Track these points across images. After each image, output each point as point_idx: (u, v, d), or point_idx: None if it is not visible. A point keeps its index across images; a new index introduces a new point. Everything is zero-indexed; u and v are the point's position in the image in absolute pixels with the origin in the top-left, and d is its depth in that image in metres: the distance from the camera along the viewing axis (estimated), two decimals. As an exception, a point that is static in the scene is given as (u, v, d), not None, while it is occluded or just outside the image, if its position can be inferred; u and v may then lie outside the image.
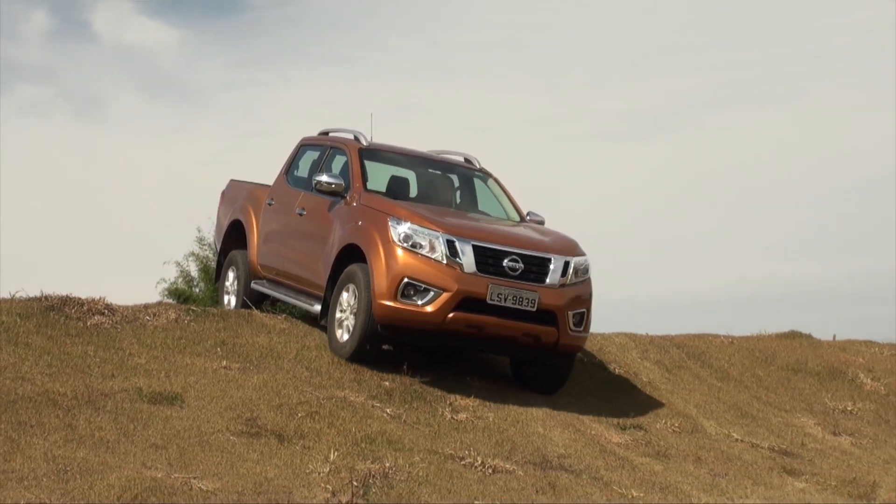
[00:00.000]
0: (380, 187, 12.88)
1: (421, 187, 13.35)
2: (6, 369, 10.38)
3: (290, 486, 8.86)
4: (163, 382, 10.60)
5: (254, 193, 14.55)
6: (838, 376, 14.54)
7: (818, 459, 11.58)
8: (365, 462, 9.44)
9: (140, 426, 9.63)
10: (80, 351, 11.07)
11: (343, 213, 12.34)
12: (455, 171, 13.78)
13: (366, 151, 13.08)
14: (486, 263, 11.35)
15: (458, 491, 9.30)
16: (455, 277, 11.26)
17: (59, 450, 8.98)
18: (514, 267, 11.40)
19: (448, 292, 11.22)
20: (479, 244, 11.41)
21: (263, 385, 10.80)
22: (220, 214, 15.51)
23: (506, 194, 13.62)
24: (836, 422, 13.01)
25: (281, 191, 13.95)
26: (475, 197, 13.59)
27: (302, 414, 10.29)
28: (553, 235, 12.33)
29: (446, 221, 11.71)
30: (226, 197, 15.46)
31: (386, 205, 11.98)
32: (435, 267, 11.31)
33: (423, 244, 11.37)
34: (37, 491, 8.26)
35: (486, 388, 11.87)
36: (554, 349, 11.63)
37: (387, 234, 11.48)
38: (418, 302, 11.28)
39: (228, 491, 8.59)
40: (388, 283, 11.28)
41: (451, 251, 11.32)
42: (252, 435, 9.76)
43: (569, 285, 11.64)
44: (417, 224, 11.49)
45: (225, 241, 14.96)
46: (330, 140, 13.79)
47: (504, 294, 11.29)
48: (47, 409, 9.68)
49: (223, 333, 12.11)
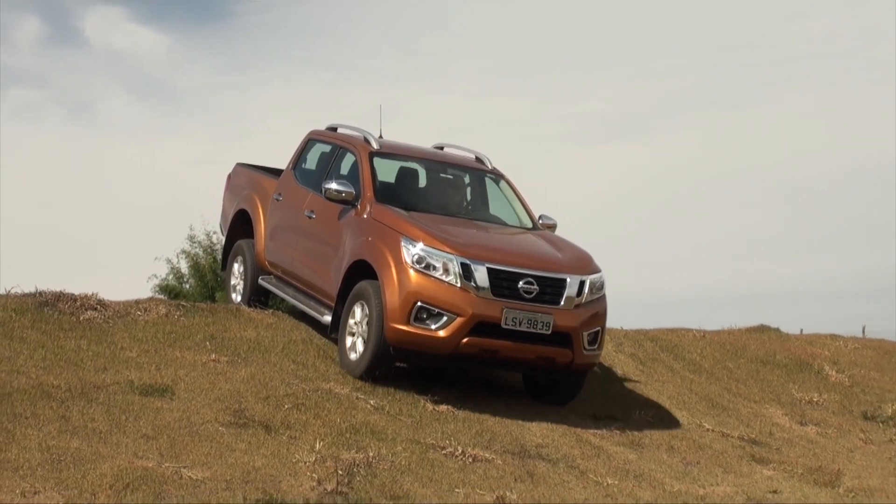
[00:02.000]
0: (388, 178, 12.31)
1: (431, 190, 12.63)
2: (1, 362, 10.36)
3: (277, 475, 8.86)
4: (153, 375, 10.59)
5: (260, 184, 13.85)
6: (805, 369, 14.60)
7: (785, 448, 11.63)
8: (349, 451, 9.45)
9: (132, 417, 9.63)
10: (74, 345, 11.06)
11: (353, 224, 11.65)
12: (467, 172, 12.94)
13: (376, 154, 12.32)
14: (500, 286, 10.73)
15: (439, 479, 9.32)
16: (469, 301, 10.65)
17: (53, 440, 8.97)
18: (529, 289, 10.77)
19: (462, 317, 10.62)
20: (494, 266, 10.76)
21: (251, 377, 10.79)
22: (225, 200, 14.77)
23: (517, 197, 12.81)
24: (803, 412, 13.06)
25: (289, 187, 13.19)
26: (486, 199, 12.83)
27: (288, 405, 10.29)
28: (567, 250, 11.60)
29: (460, 241, 11.00)
30: (231, 182, 14.72)
31: (398, 222, 11.24)
32: (448, 290, 10.67)
33: (437, 266, 10.74)
34: (31, 480, 8.26)
35: (467, 381, 11.89)
36: (568, 369, 11.15)
37: (399, 255, 10.84)
38: (431, 326, 10.69)
39: (217, 480, 8.59)
40: (400, 306, 10.68)
41: (465, 274, 10.69)
42: (240, 426, 9.75)
43: (584, 305, 11.04)
44: (431, 246, 10.83)
45: (231, 229, 14.27)
46: (339, 138, 13.05)
47: (519, 318, 10.68)
48: (42, 401, 9.68)
49: (212, 328, 12.11)
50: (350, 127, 13.09)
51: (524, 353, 10.83)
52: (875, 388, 14.41)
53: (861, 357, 15.63)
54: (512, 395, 11.69)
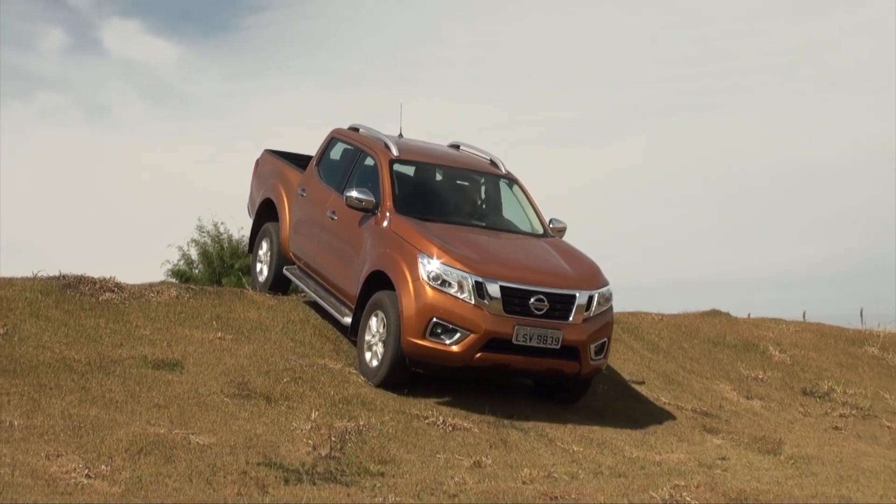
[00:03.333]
0: (407, 183, 11.57)
1: (448, 197, 11.88)
2: (29, 339, 10.35)
3: (276, 441, 8.87)
4: (165, 351, 10.58)
5: (286, 176, 13.05)
6: (751, 349, 14.62)
7: (733, 420, 11.65)
8: (342, 420, 9.45)
9: (145, 389, 9.62)
10: (93, 323, 11.03)
11: (373, 232, 11.01)
12: (482, 177, 12.19)
13: (396, 161, 11.54)
14: (512, 303, 10.17)
15: (422, 445, 9.33)
16: (482, 318, 10.09)
17: (74, 409, 8.98)
18: (539, 306, 10.22)
19: (475, 333, 10.08)
20: (507, 284, 10.18)
21: (253, 354, 10.78)
22: (253, 186, 13.96)
23: (529, 201, 12.07)
24: (749, 388, 13.09)
25: (313, 184, 12.45)
26: (500, 204, 12.10)
27: (287, 379, 10.28)
28: (576, 263, 10.96)
29: (475, 259, 10.38)
30: (259, 169, 13.90)
31: (416, 237, 10.57)
32: (463, 307, 10.12)
33: (452, 283, 10.16)
34: (55, 444, 8.26)
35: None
36: (575, 378, 10.66)
37: (416, 271, 10.25)
38: (446, 341, 10.14)
39: (222, 445, 8.59)
40: (416, 321, 10.13)
41: (479, 292, 10.12)
42: (243, 397, 9.76)
43: (592, 318, 10.49)
44: (447, 264, 10.23)
45: (257, 214, 13.46)
46: (361, 140, 12.25)
47: (529, 334, 10.15)
48: (64, 373, 9.67)
49: (218, 309, 12.07)
50: (371, 129, 12.40)
51: (534, 365, 10.39)
52: (813, 367, 14.46)
53: (801, 339, 15.65)
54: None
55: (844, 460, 10.20)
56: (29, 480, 7.55)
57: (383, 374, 10.42)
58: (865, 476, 9.51)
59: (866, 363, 15.17)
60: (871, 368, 14.98)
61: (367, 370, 10.67)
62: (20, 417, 8.69)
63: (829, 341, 15.93)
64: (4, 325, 10.56)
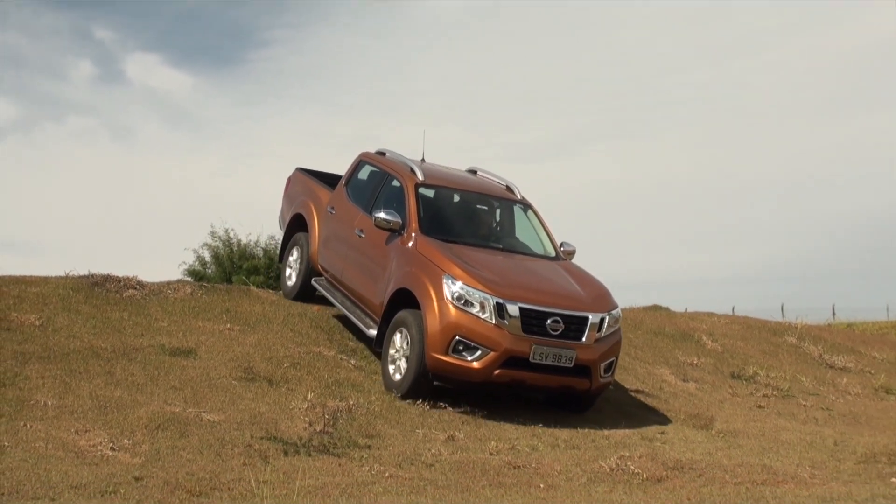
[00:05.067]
0: (431, 206, 10.87)
1: (469, 220, 11.14)
2: (61, 329, 10.30)
3: (277, 418, 8.84)
4: (180, 340, 10.53)
5: (315, 194, 12.36)
6: (687, 338, 14.65)
7: (671, 399, 11.67)
8: (334, 400, 9.43)
9: (163, 373, 9.58)
10: (118, 316, 10.98)
11: (399, 251, 10.37)
12: (499, 202, 11.45)
13: (421, 185, 10.85)
14: (530, 324, 9.57)
15: (404, 422, 9.32)
16: (502, 337, 9.49)
17: (100, 391, 8.94)
18: (555, 327, 9.64)
19: (495, 351, 9.48)
20: (526, 306, 9.58)
21: (258, 343, 10.74)
22: (284, 201, 13.17)
23: (542, 226, 11.39)
24: (685, 372, 13.12)
25: (341, 203, 11.73)
26: (514, 227, 11.40)
27: (287, 364, 10.25)
28: (588, 287, 10.32)
29: (496, 281, 9.76)
30: (291, 187, 13.11)
31: (440, 258, 9.94)
32: (484, 327, 9.50)
33: (475, 304, 9.55)
34: (83, 421, 8.23)
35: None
36: (586, 394, 10.10)
37: (441, 291, 9.64)
38: (467, 357, 9.54)
39: (230, 422, 8.56)
40: (440, 338, 9.53)
41: (499, 313, 9.52)
42: (248, 380, 9.72)
43: (602, 339, 9.91)
44: (470, 285, 9.61)
45: (288, 228, 12.70)
46: (387, 164, 11.52)
47: (545, 353, 9.57)
48: (92, 360, 9.63)
49: (227, 303, 12.03)
50: (396, 153, 11.69)
51: (548, 382, 9.83)
52: (740, 354, 14.51)
53: (730, 330, 15.72)
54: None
55: (766, 434, 10.24)
56: (60, 453, 7.53)
57: (407, 387, 9.80)
58: (784, 447, 9.55)
59: (786, 351, 15.25)
60: (790, 355, 15.06)
61: (390, 382, 10.05)
62: (53, 398, 8.65)
63: (754, 332, 16.01)
64: (40, 317, 10.51)
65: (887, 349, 17.17)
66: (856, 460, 8.95)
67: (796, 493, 7.11)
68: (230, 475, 7.25)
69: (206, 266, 28.28)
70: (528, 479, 7.73)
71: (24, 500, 6.34)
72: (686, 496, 6.85)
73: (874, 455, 9.08)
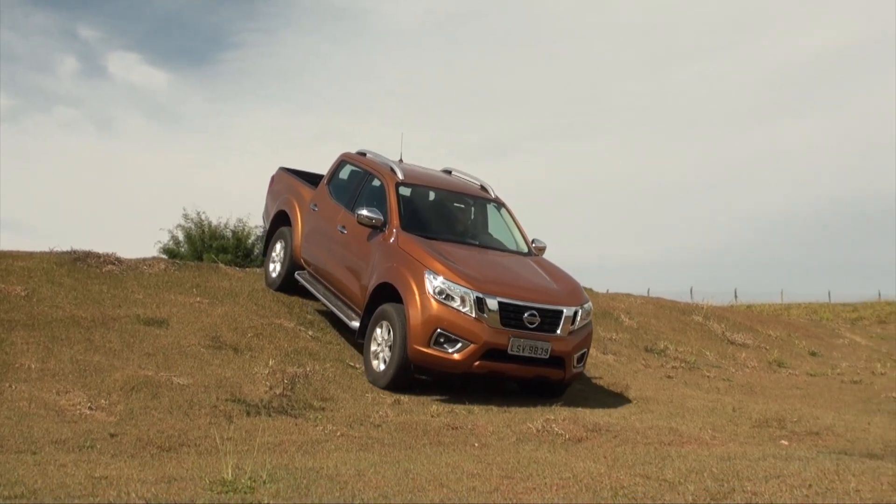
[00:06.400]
0: (411, 204, 10.33)
1: (447, 218, 10.60)
2: (45, 300, 10.15)
3: (240, 382, 8.79)
4: (154, 311, 10.42)
5: (298, 191, 11.82)
6: (608, 316, 14.78)
7: (592, 369, 11.76)
8: (293, 367, 9.39)
9: (137, 340, 9.48)
10: (97, 289, 10.84)
11: (381, 247, 9.83)
12: (474, 200, 10.91)
13: (401, 184, 10.37)
14: (508, 317, 9.07)
15: (355, 387, 9.31)
16: (482, 330, 8.97)
17: (80, 356, 8.83)
18: (532, 321, 9.14)
19: (475, 344, 8.97)
20: (504, 301, 9.07)
21: (225, 314, 10.66)
22: (268, 198, 12.58)
23: (515, 223, 10.90)
24: (605, 346, 13.24)
25: (324, 200, 11.19)
26: (488, 224, 10.87)
27: (251, 334, 10.18)
28: (561, 281, 9.80)
29: (476, 276, 9.21)
30: (274, 184, 12.55)
31: (422, 254, 9.39)
32: (465, 320, 8.97)
33: (455, 298, 9.02)
34: (65, 383, 8.13)
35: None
36: (559, 383, 9.67)
37: (423, 286, 9.10)
38: (448, 350, 9.02)
39: (198, 385, 8.50)
40: (422, 331, 9.00)
41: (479, 307, 8.99)
42: (216, 348, 9.65)
43: (576, 331, 9.44)
44: (451, 280, 9.07)
45: (272, 223, 12.13)
46: (368, 164, 10.97)
47: (522, 345, 9.10)
48: (73, 327, 9.50)
49: (198, 279, 11.93)
50: (377, 154, 11.14)
51: (525, 372, 9.35)
52: (653, 331, 14.67)
53: (645, 309, 15.88)
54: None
55: (674, 401, 10.36)
56: (42, 411, 7.43)
57: (389, 378, 9.26)
58: (689, 413, 9.67)
59: (693, 328, 15.45)
60: (696, 332, 15.26)
61: (372, 373, 9.51)
62: (36, 362, 8.53)
63: (666, 311, 16.19)
64: (25, 288, 10.34)
65: (780, 328, 17.49)
66: (751, 425, 9.09)
67: (698, 452, 7.20)
68: (197, 433, 7.19)
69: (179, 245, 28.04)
70: (464, 438, 7.76)
71: (8, 453, 6.24)
72: (603, 454, 6.91)
73: (766, 420, 9.24)
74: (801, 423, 9.15)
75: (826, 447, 7.92)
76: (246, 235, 28.24)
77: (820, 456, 6.99)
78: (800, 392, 12.07)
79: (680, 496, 5.38)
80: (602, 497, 5.34)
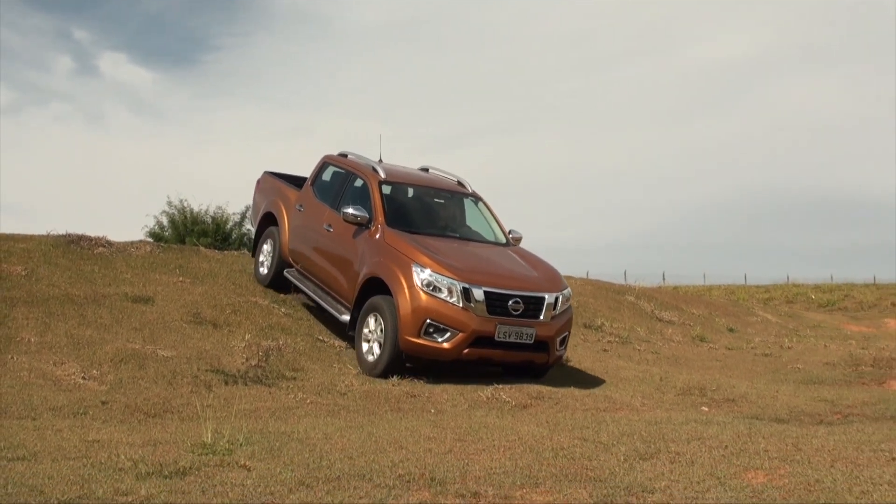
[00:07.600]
0: (394, 201, 9.86)
1: (428, 212, 10.12)
2: (43, 279, 10.04)
3: (219, 354, 8.76)
4: (141, 289, 10.34)
5: (284, 193, 11.27)
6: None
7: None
8: (267, 341, 9.37)
9: (126, 316, 9.41)
10: (90, 269, 10.73)
11: (368, 243, 9.38)
12: (453, 196, 10.46)
13: (384, 183, 9.90)
14: (494, 306, 8.67)
15: (324, 359, 9.32)
16: (469, 319, 8.57)
17: (74, 330, 8.76)
18: (516, 308, 8.74)
19: (464, 332, 8.58)
20: (489, 290, 8.68)
21: (205, 293, 10.61)
22: (256, 200, 11.98)
23: (493, 216, 10.47)
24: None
25: (309, 201, 10.69)
26: (466, 217, 10.40)
27: (229, 311, 10.15)
28: (541, 269, 9.42)
29: (461, 268, 8.81)
30: (260, 186, 11.97)
31: (409, 248, 8.98)
32: (453, 310, 8.57)
33: (443, 289, 8.61)
34: (59, 355, 8.06)
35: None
36: (543, 367, 9.25)
37: (411, 279, 8.68)
38: (438, 339, 8.63)
39: (181, 357, 8.46)
40: (412, 322, 8.59)
41: (466, 297, 8.59)
42: (197, 323, 9.60)
43: (557, 316, 9.04)
44: (438, 272, 8.67)
45: (260, 224, 11.57)
46: (350, 165, 10.48)
47: (508, 332, 8.70)
48: (68, 304, 9.41)
49: (181, 261, 11.85)
50: (358, 155, 10.66)
51: (512, 357, 8.92)
52: (591, 309, 14.80)
53: (585, 290, 16.01)
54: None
55: (609, 371, 10.48)
56: (41, 381, 7.37)
57: (383, 367, 8.82)
58: (623, 382, 9.80)
59: (626, 307, 15.61)
60: (629, 310, 15.43)
61: (366, 365, 9.04)
62: (35, 336, 8.45)
63: (603, 291, 16.34)
64: (25, 268, 10.21)
65: (703, 307, 17.75)
66: (675, 393, 9.24)
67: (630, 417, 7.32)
68: (180, 400, 7.18)
69: (163, 229, 27.79)
70: (422, 405, 7.81)
71: (10, 419, 6.20)
72: (545, 419, 7.00)
73: (689, 389, 9.40)
74: (719, 391, 9.33)
75: (741, 413, 8.08)
76: (224, 221, 28.04)
77: (735, 420, 7.15)
78: (719, 364, 12.27)
79: (613, 456, 5.49)
80: (544, 457, 5.43)
